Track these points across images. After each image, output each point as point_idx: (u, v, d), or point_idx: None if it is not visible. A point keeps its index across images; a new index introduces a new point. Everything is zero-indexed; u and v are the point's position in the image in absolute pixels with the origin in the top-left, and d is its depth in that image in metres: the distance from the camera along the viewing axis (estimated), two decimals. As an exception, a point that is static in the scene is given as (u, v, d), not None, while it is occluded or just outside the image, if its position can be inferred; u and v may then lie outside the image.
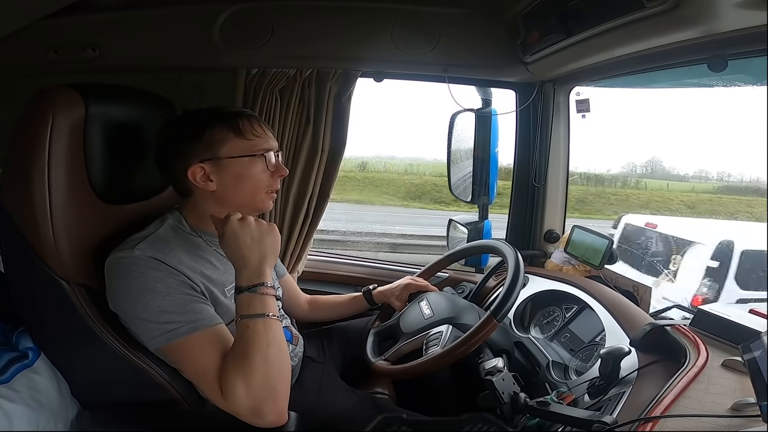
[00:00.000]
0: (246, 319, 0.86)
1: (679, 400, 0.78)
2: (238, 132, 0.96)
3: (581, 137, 1.72)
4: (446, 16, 1.43)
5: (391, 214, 9.86)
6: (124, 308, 0.88)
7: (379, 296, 1.39)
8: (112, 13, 1.43)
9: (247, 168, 0.97)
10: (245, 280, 0.88)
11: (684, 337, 0.98)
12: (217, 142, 0.95)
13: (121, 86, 1.06)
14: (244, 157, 0.97)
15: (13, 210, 0.87)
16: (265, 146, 0.99)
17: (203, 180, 0.96)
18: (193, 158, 0.95)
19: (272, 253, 0.92)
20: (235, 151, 0.96)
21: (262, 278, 0.88)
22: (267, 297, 0.88)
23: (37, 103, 0.86)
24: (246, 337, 0.85)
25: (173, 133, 0.97)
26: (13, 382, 0.97)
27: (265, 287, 0.88)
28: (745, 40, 0.89)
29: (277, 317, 0.89)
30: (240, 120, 0.97)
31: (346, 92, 1.53)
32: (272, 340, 0.85)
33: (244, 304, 0.87)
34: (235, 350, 0.85)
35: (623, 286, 1.36)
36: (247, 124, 0.98)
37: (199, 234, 1.00)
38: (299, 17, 1.43)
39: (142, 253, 0.87)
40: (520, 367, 1.18)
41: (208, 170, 0.95)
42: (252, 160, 0.97)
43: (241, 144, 0.97)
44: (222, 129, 0.96)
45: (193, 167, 0.95)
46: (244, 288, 0.88)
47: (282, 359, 0.87)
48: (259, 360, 0.83)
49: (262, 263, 0.90)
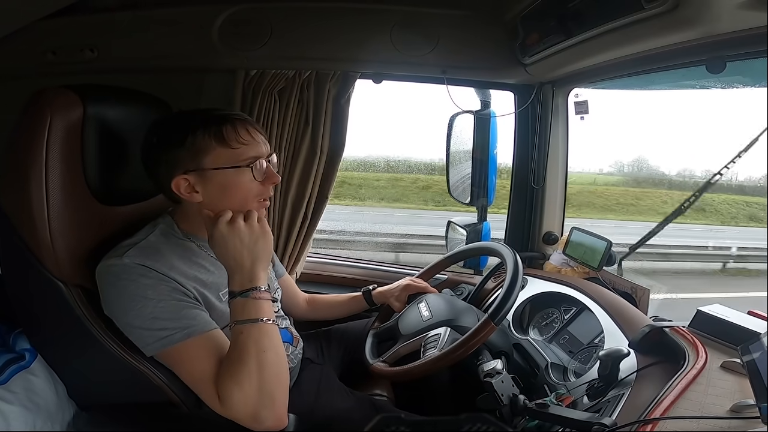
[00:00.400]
0: (240, 325, 0.85)
1: (679, 402, 0.78)
2: (221, 140, 0.90)
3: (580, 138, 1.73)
4: (445, 17, 1.43)
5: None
6: (117, 315, 0.88)
7: (378, 297, 1.39)
8: (110, 14, 1.43)
9: (233, 179, 0.91)
10: (237, 285, 0.87)
11: (683, 338, 0.98)
12: (200, 151, 0.90)
13: (119, 87, 1.06)
14: (228, 169, 0.91)
15: (10, 211, 0.87)
16: (253, 154, 0.92)
17: (188, 191, 0.92)
18: (176, 169, 0.91)
19: (265, 256, 0.90)
20: (219, 162, 0.90)
21: (254, 282, 0.87)
22: (261, 301, 0.86)
23: (35, 104, 0.86)
24: (240, 342, 0.84)
25: (155, 139, 0.93)
26: (9, 383, 0.96)
27: (258, 291, 0.86)
28: (743, 41, 0.89)
29: (274, 321, 0.88)
30: (224, 127, 0.91)
31: (345, 94, 1.53)
32: (268, 346, 0.84)
33: (237, 309, 0.86)
34: (230, 356, 0.84)
35: (622, 287, 1.36)
36: (231, 130, 0.91)
37: (191, 239, 0.99)
38: (298, 18, 1.42)
39: (131, 261, 0.86)
40: (519, 368, 1.18)
41: (193, 181, 0.91)
42: (238, 171, 0.91)
43: (225, 153, 0.90)
44: (204, 136, 0.90)
45: (177, 179, 0.91)
46: (236, 293, 0.86)
47: (279, 364, 0.86)
48: (254, 366, 0.82)
49: (255, 267, 0.88)
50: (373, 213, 8.82)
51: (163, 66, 1.50)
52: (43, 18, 1.32)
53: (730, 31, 0.89)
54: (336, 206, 7.66)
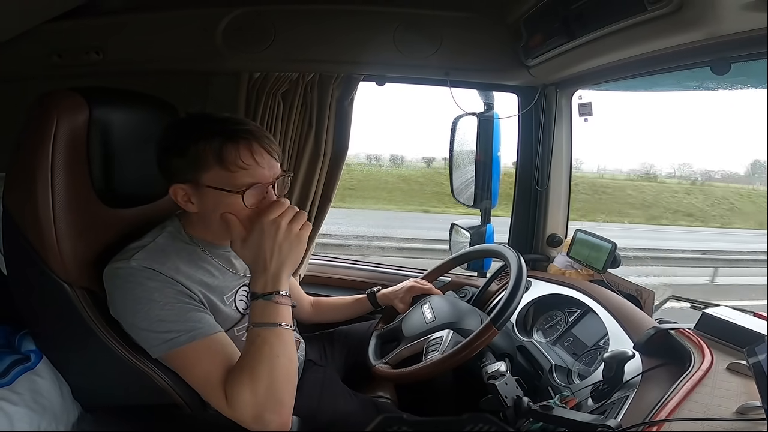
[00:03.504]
0: (258, 328, 0.85)
1: (684, 404, 0.77)
2: (221, 160, 0.88)
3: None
4: (448, 19, 1.43)
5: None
6: (123, 318, 0.88)
7: (382, 298, 1.39)
8: (116, 17, 1.44)
9: (225, 200, 0.89)
10: (260, 287, 0.86)
11: (688, 340, 0.97)
12: (200, 165, 0.89)
13: (125, 90, 1.07)
14: (222, 191, 0.89)
15: (16, 213, 0.87)
16: (249, 180, 0.89)
17: (184, 201, 0.92)
18: (175, 177, 0.91)
19: (292, 263, 0.89)
20: (214, 182, 0.89)
21: (278, 287, 0.86)
22: (281, 306, 0.86)
23: (42, 106, 0.86)
24: (256, 345, 0.84)
25: (165, 143, 0.93)
26: (14, 384, 0.97)
27: (280, 296, 0.86)
28: (748, 42, 0.89)
29: (290, 326, 0.87)
30: (225, 146, 0.88)
31: (348, 96, 1.54)
32: (282, 351, 0.85)
33: (257, 311, 0.86)
34: (244, 357, 0.85)
35: (626, 290, 1.36)
36: (233, 151, 0.88)
37: (197, 243, 0.99)
38: (301, 21, 1.43)
39: (138, 264, 0.87)
40: (522, 371, 1.18)
41: (189, 192, 0.92)
42: (230, 194, 0.89)
43: (222, 174, 0.88)
44: (205, 150, 0.88)
45: (175, 187, 0.91)
46: (258, 295, 0.86)
47: (290, 370, 0.86)
48: (267, 369, 0.82)
49: (280, 271, 0.87)
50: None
51: (168, 68, 1.51)
52: (49, 21, 1.33)
53: (734, 32, 0.88)
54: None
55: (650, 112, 18.22)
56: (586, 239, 1.48)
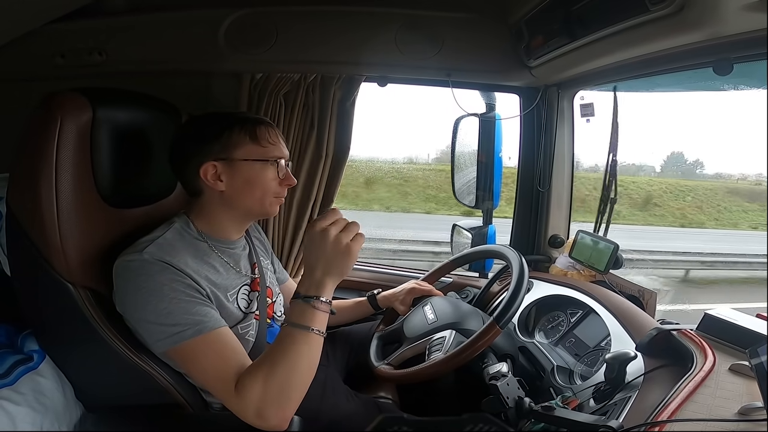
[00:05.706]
0: (291, 327, 0.86)
1: (686, 405, 0.77)
2: (254, 138, 0.99)
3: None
4: (450, 20, 1.43)
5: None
6: (131, 311, 0.89)
7: (383, 301, 1.39)
8: (119, 18, 1.44)
9: (258, 173, 1.00)
10: (304, 289, 0.88)
11: (690, 341, 0.97)
12: (233, 144, 0.98)
13: (128, 91, 1.07)
14: (256, 162, 0.99)
15: (20, 213, 0.87)
16: (278, 154, 1.02)
17: (213, 179, 0.98)
18: (207, 157, 0.97)
19: (338, 273, 0.89)
20: (249, 155, 0.99)
21: (319, 292, 0.87)
22: (318, 312, 0.87)
23: (45, 107, 0.86)
24: (284, 343, 0.85)
25: (193, 131, 1.00)
26: (17, 384, 0.97)
27: (319, 301, 0.87)
28: (750, 43, 0.89)
29: (323, 333, 0.88)
30: (258, 127, 1.01)
31: (350, 97, 1.54)
32: (307, 354, 0.86)
33: (295, 311, 0.87)
34: (268, 352, 0.86)
35: (629, 290, 1.36)
36: (264, 131, 1.01)
37: (204, 239, 1.01)
38: (304, 22, 1.43)
39: (150, 256, 0.88)
40: (524, 371, 1.18)
41: (220, 170, 0.98)
42: (264, 166, 1.00)
43: (256, 149, 1.00)
44: (240, 132, 0.99)
45: (206, 165, 0.97)
46: (300, 296, 0.88)
47: (307, 375, 0.87)
48: (286, 369, 0.83)
49: (324, 278, 0.88)
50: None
51: (171, 69, 1.51)
52: (52, 21, 1.33)
53: (736, 33, 0.88)
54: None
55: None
56: (588, 240, 1.48)
